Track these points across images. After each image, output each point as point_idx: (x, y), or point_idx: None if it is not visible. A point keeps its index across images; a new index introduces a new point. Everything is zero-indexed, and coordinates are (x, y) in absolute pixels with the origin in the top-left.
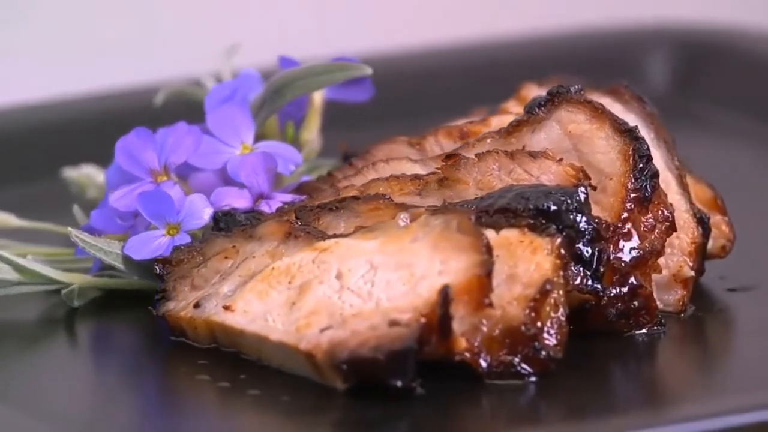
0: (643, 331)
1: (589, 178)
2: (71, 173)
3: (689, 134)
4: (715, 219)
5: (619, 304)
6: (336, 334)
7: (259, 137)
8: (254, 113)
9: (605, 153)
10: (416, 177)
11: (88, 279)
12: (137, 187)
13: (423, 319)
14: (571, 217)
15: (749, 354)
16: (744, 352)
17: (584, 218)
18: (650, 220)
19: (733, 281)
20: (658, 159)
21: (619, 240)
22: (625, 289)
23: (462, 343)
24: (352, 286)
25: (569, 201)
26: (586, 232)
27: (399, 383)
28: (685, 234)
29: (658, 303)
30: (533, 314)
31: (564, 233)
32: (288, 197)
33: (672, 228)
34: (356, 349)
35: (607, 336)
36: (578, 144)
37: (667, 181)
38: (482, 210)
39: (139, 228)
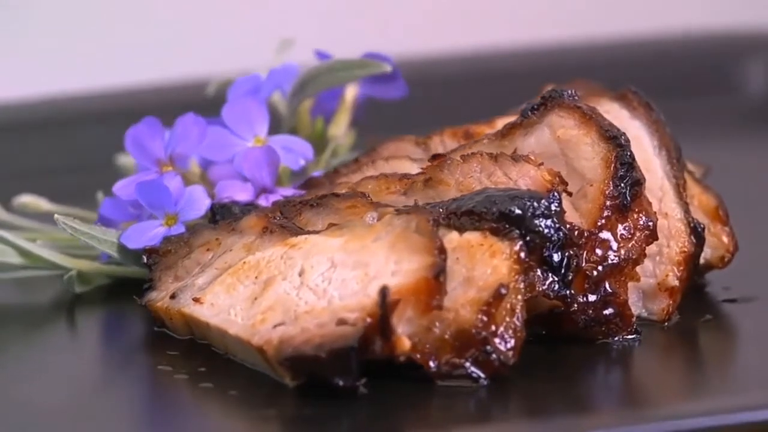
0: (618, 338)
1: (566, 184)
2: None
3: None
4: (716, 229)
5: (590, 311)
6: (286, 331)
7: (291, 131)
8: (288, 107)
9: (589, 159)
10: (404, 176)
11: (94, 265)
12: (141, 176)
13: (369, 319)
14: (536, 222)
15: (724, 362)
16: (720, 360)
17: (552, 224)
18: (629, 227)
19: (736, 292)
20: (657, 167)
21: (594, 247)
22: (596, 296)
23: (405, 344)
24: (311, 283)
25: (535, 206)
26: (555, 238)
27: (341, 382)
28: (676, 243)
29: (643, 311)
30: (486, 318)
31: (528, 238)
32: (289, 192)
33: (653, 237)
34: (300, 346)
35: (580, 342)
36: (565, 149)
37: (665, 189)
38: (451, 212)
39: (144, 217)
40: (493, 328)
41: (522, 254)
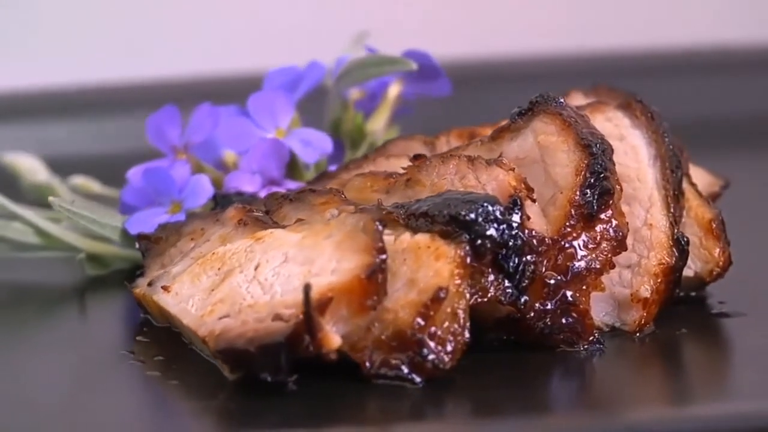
0: (581, 347)
1: (531, 191)
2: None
3: None
4: (708, 243)
5: (548, 319)
6: (228, 324)
7: (335, 124)
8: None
9: (563, 166)
10: (389, 176)
11: (111, 249)
12: (154, 163)
13: (301, 316)
14: (486, 226)
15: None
16: (678, 371)
17: (505, 229)
18: (595, 237)
19: (731, 307)
20: (649, 177)
21: (556, 254)
22: (555, 304)
23: (332, 342)
24: (261, 278)
25: (488, 210)
26: (511, 243)
27: (269, 377)
28: (655, 254)
29: (617, 321)
30: (423, 321)
31: (479, 242)
32: (295, 185)
33: (621, 247)
34: (233, 339)
35: (543, 349)
36: (544, 155)
37: (653, 200)
38: (411, 213)
39: (157, 204)
40: (432, 330)
41: (467, 258)
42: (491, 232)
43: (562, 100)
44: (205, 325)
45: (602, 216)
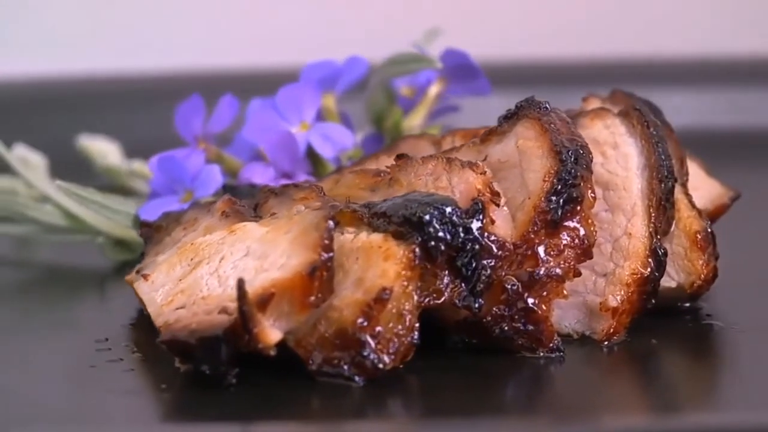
0: (541, 353)
1: (497, 195)
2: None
3: None
4: (692, 255)
5: (505, 324)
6: (181, 314)
7: (377, 119)
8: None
9: (536, 171)
10: (377, 174)
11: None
12: (179, 152)
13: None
14: (438, 228)
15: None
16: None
17: (459, 232)
18: (558, 244)
19: (717, 319)
20: (634, 187)
21: (517, 260)
22: (513, 309)
23: (269, 338)
24: (221, 270)
25: (442, 213)
26: (468, 247)
27: (208, 370)
28: (630, 264)
29: (587, 329)
30: (366, 320)
31: (432, 244)
32: (305, 178)
33: (585, 256)
34: (179, 331)
35: (504, 354)
36: (522, 159)
37: (636, 209)
38: (373, 212)
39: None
40: (375, 330)
41: (415, 260)
42: (443, 234)
43: (547, 106)
44: (162, 315)
45: (567, 223)
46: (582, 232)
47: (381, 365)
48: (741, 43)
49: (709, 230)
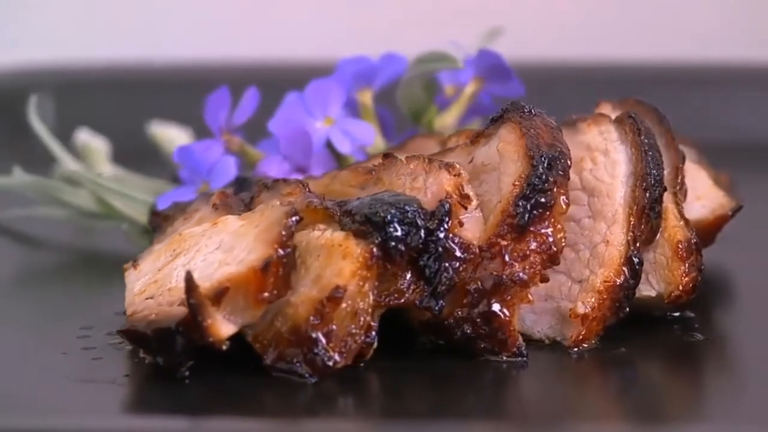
0: (504, 357)
1: (467, 198)
2: None
3: None
4: (673, 264)
5: (466, 326)
6: (148, 304)
7: (414, 116)
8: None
9: (509, 175)
10: (368, 171)
11: None
12: (200, 143)
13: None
14: (398, 229)
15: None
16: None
17: (422, 233)
18: (524, 249)
19: (703, 330)
20: (617, 194)
21: (482, 263)
22: (475, 312)
23: (219, 332)
24: (193, 262)
25: (404, 213)
26: (429, 248)
27: (161, 361)
28: (603, 271)
29: (559, 335)
30: (318, 318)
31: (392, 244)
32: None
33: (551, 262)
34: (137, 321)
35: (468, 356)
36: (500, 163)
37: (617, 217)
38: (343, 210)
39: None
40: (329, 328)
41: (371, 259)
42: (403, 234)
43: (531, 110)
44: (133, 304)
45: (534, 229)
46: (550, 238)
47: (331, 363)
48: None
49: (694, 241)
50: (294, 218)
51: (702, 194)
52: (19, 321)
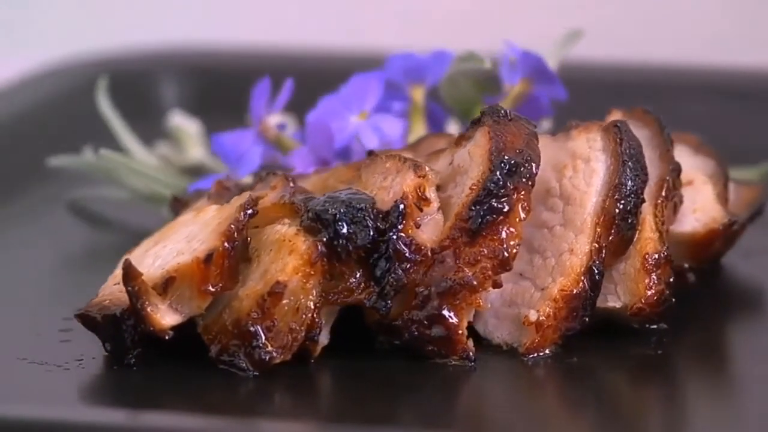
0: (452, 361)
1: (426, 200)
2: None
3: None
4: (638, 277)
5: (414, 328)
6: (113, 290)
7: (464, 113)
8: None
9: (472, 179)
10: (357, 168)
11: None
12: (234, 133)
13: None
14: (344, 227)
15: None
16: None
17: (372, 233)
18: (476, 254)
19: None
20: (588, 203)
21: (432, 265)
22: (422, 315)
23: (159, 323)
24: (164, 251)
25: (353, 212)
26: (380, 248)
27: (109, 348)
28: (562, 279)
29: (515, 342)
30: (259, 312)
31: (341, 242)
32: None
33: (502, 267)
34: (92, 306)
35: (420, 358)
36: (470, 166)
37: (584, 226)
38: (306, 207)
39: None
40: (269, 323)
41: (315, 255)
42: (351, 233)
43: (506, 114)
44: (105, 289)
45: (486, 234)
46: (503, 244)
47: (267, 358)
48: None
49: (664, 254)
50: (247, 212)
51: (699, 207)
52: (25, 299)
